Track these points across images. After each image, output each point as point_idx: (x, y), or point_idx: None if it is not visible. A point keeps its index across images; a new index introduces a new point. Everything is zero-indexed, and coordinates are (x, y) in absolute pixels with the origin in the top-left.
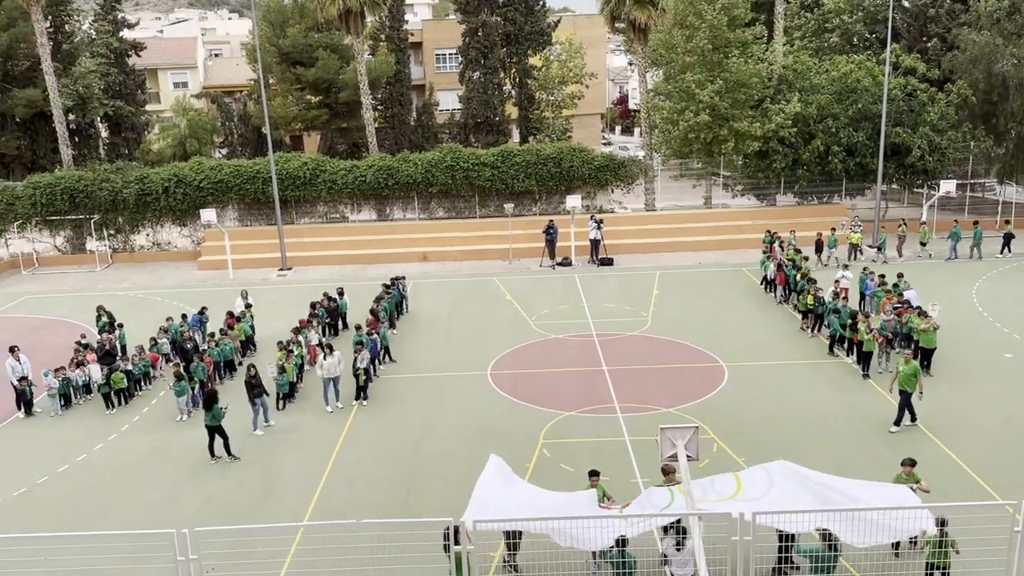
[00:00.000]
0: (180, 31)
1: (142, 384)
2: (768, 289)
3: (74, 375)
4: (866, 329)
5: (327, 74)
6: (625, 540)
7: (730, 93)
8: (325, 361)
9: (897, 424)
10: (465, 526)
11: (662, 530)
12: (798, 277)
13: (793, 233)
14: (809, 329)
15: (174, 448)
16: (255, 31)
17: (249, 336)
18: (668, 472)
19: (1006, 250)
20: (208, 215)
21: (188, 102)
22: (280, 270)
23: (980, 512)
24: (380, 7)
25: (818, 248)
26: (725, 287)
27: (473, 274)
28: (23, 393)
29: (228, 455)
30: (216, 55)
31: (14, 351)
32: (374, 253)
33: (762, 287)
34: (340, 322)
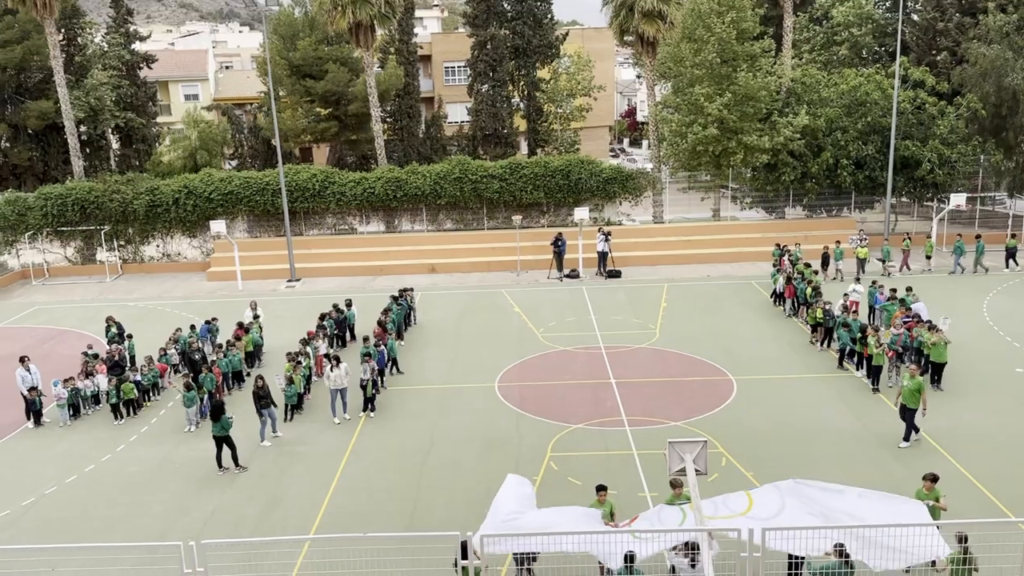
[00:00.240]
0: (192, 44)
1: (151, 395)
2: (778, 302)
3: (83, 385)
4: (876, 343)
5: (337, 87)
6: (633, 556)
7: (739, 106)
8: (332, 373)
9: (907, 439)
10: (473, 542)
11: (672, 548)
12: (808, 291)
13: (798, 246)
14: (818, 343)
15: (182, 459)
16: (266, 44)
17: (258, 346)
18: (676, 486)
19: (1011, 262)
20: (218, 226)
21: (199, 114)
22: (289, 281)
23: (993, 529)
24: (390, 21)
25: (824, 262)
26: (734, 300)
27: (481, 286)
28: (32, 403)
29: (235, 465)
30: (227, 68)
31: (24, 361)
32: (382, 264)
33: (772, 300)
34: (348, 333)
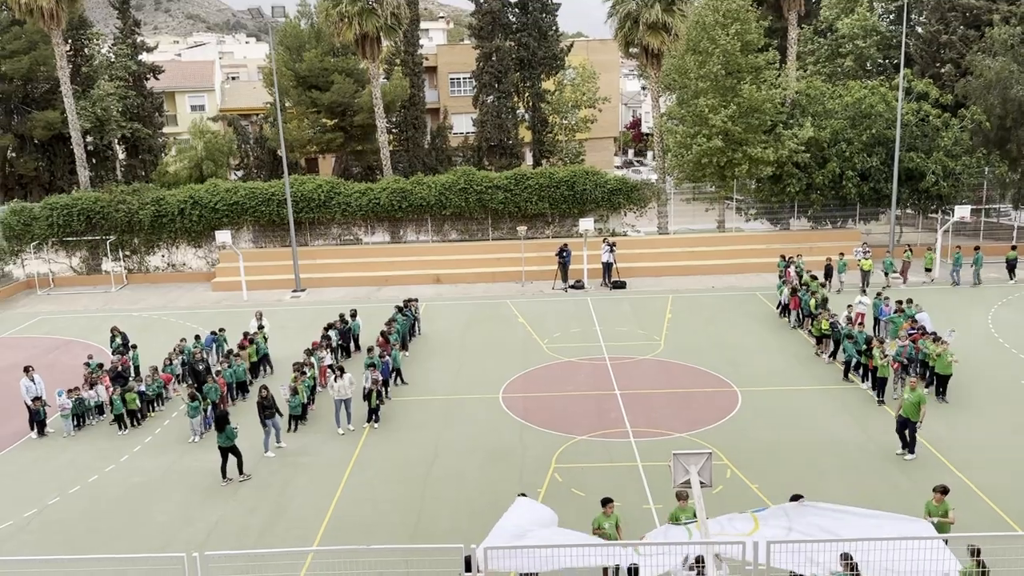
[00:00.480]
0: (198, 55)
1: (155, 405)
2: (783, 314)
3: (87, 395)
4: (880, 355)
5: (342, 98)
6: (637, 569)
7: (743, 118)
8: (336, 383)
9: (912, 451)
10: (476, 556)
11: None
12: (812, 302)
13: (800, 257)
14: (825, 355)
15: (185, 470)
16: (272, 55)
17: (264, 355)
18: (682, 498)
19: (1011, 276)
20: (223, 236)
21: (205, 124)
22: (294, 291)
23: (1000, 543)
24: (396, 32)
25: (827, 273)
26: (738, 311)
27: (486, 296)
28: (36, 413)
29: (240, 473)
30: (233, 78)
31: (29, 371)
32: (387, 275)
33: (777, 311)
34: (352, 344)
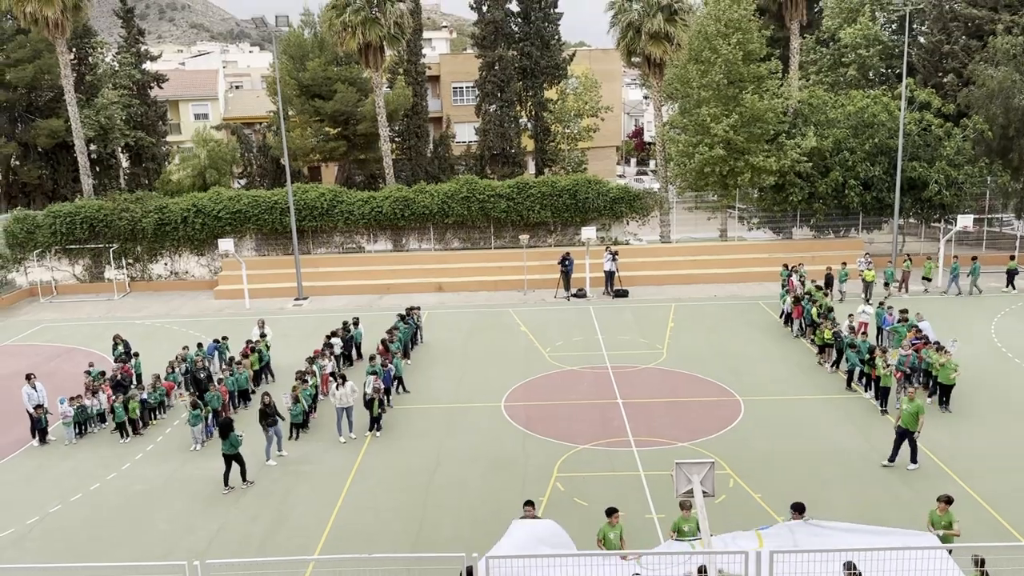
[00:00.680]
0: (202, 63)
1: (157, 413)
2: (786, 323)
3: (89, 403)
4: (883, 364)
5: (345, 107)
6: None
7: (745, 127)
8: (338, 391)
9: (914, 461)
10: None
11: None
12: (814, 311)
13: (801, 266)
14: (828, 364)
15: (187, 478)
16: (275, 64)
17: (266, 363)
18: (685, 507)
19: (1010, 286)
20: (226, 245)
21: (208, 133)
22: (296, 299)
23: (1003, 553)
24: (399, 41)
25: (827, 282)
26: (741, 320)
27: (488, 305)
28: (38, 421)
29: (243, 480)
30: (237, 87)
31: (31, 379)
32: (389, 283)
33: (780, 320)
34: (355, 352)
